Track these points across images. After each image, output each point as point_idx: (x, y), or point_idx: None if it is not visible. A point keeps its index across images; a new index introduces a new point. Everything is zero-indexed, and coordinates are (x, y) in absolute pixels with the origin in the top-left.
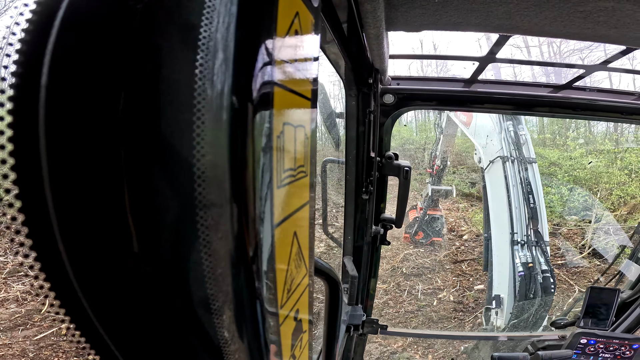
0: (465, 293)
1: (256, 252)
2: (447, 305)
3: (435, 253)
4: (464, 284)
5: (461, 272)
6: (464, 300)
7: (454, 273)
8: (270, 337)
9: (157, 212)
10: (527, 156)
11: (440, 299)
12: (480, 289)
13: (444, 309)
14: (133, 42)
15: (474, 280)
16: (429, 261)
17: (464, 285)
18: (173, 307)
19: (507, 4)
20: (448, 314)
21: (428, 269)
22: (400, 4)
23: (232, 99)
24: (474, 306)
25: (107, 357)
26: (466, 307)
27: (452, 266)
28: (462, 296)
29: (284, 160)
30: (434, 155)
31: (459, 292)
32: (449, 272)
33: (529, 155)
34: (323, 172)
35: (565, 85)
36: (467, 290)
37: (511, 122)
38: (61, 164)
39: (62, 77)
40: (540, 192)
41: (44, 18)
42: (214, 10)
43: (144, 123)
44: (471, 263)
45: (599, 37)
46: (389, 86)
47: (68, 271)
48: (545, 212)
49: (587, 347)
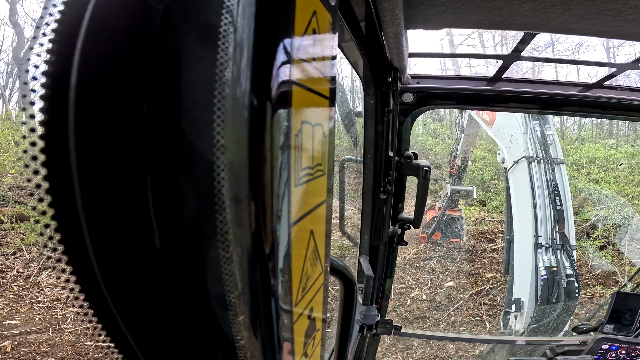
0: (437, 291)
1: (273, 249)
2: (421, 305)
3: (405, 251)
4: (434, 281)
5: (431, 270)
6: (437, 298)
7: (424, 271)
8: (283, 334)
9: (178, 208)
10: (555, 157)
11: (414, 297)
12: (450, 286)
13: (418, 308)
14: (155, 42)
15: (443, 277)
16: (399, 260)
17: (434, 283)
18: (190, 302)
19: (533, 1)
20: (422, 313)
21: (399, 267)
22: (419, 1)
23: (251, 98)
24: (447, 304)
25: (124, 349)
26: (439, 306)
27: (422, 264)
28: (434, 294)
29: (301, 159)
30: (454, 154)
31: (431, 290)
32: (419, 270)
33: (556, 156)
34: (341, 171)
35: (595, 84)
36: (438, 288)
37: (538, 121)
38: (89, 161)
39: (90, 77)
40: (568, 194)
41: (71, 20)
42: (233, 10)
43: (166, 122)
44: (440, 260)
45: (629, 35)
46: (408, 85)
47: (94, 265)
48: (573, 215)
49: (609, 352)
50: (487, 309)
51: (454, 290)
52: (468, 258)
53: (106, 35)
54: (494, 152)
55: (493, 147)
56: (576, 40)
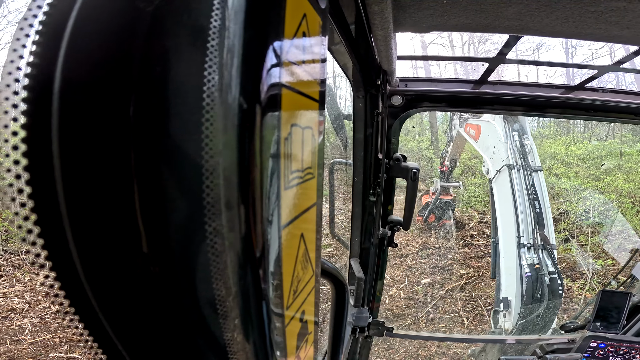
0: (414, 288)
1: (263, 253)
2: (399, 302)
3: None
4: (411, 278)
5: (407, 267)
6: (414, 296)
7: (400, 268)
8: (276, 337)
9: (166, 213)
10: (533, 164)
11: (392, 295)
12: (427, 282)
13: (397, 307)
14: (143, 45)
15: (420, 274)
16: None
17: (411, 280)
18: (180, 307)
19: (518, 5)
20: (401, 311)
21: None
22: (408, 5)
23: (240, 101)
24: (424, 301)
25: (114, 357)
26: (417, 303)
27: (398, 261)
28: (411, 291)
29: (291, 162)
30: (444, 156)
31: (408, 287)
32: (395, 268)
33: (534, 163)
34: (331, 174)
35: (577, 86)
36: (415, 285)
37: (517, 132)
38: (73, 165)
39: (75, 79)
40: (546, 198)
41: (56, 21)
42: (223, 12)
43: (153, 125)
44: (415, 257)
45: (611, 37)
46: (397, 87)
47: (79, 271)
48: (551, 216)
49: (597, 350)
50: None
51: (431, 287)
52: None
53: (92, 37)
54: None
55: (476, 152)
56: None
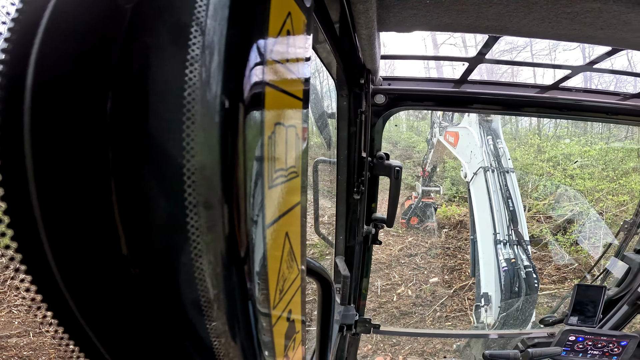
0: (422, 287)
1: (248, 253)
2: (407, 301)
3: (390, 248)
4: (419, 277)
5: (416, 266)
6: (422, 294)
7: (409, 267)
8: (263, 337)
9: (146, 214)
10: (506, 166)
11: (399, 294)
12: (434, 281)
13: (404, 304)
14: (122, 42)
15: (428, 273)
16: (384, 256)
17: (419, 279)
18: (164, 310)
19: (497, 5)
20: (409, 309)
21: (384, 264)
22: (392, 4)
23: (223, 99)
24: (432, 300)
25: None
26: (424, 301)
27: (406, 260)
28: (419, 290)
29: (275, 161)
30: (425, 162)
31: (416, 285)
32: (404, 267)
33: (507, 165)
34: (315, 172)
35: (552, 85)
36: (423, 284)
37: (491, 136)
38: (46, 165)
39: (48, 77)
40: (518, 197)
41: (30, 17)
42: (205, 10)
43: (132, 123)
44: (424, 256)
45: (585, 38)
46: (380, 86)
47: (55, 274)
48: (524, 214)
49: (576, 344)
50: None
51: (438, 286)
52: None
53: (67, 33)
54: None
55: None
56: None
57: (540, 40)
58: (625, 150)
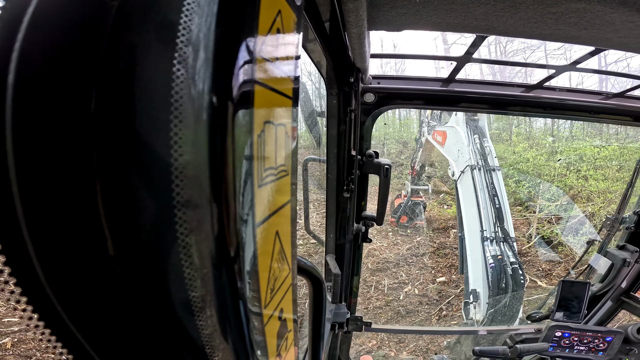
0: (429, 286)
1: (238, 252)
2: (413, 299)
3: (398, 247)
4: (427, 277)
5: (424, 265)
6: (428, 293)
7: (416, 266)
8: (255, 337)
9: (133, 214)
10: (492, 164)
11: (406, 292)
12: (442, 281)
13: (410, 303)
14: (107, 39)
15: (435, 272)
16: (392, 255)
17: (427, 279)
18: (153, 311)
19: (485, 5)
20: (415, 307)
21: (392, 263)
22: (382, 3)
23: (211, 98)
24: (438, 299)
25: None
26: (431, 300)
27: (414, 259)
28: (425, 289)
29: (264, 159)
30: (414, 161)
31: (423, 285)
32: (412, 266)
33: (493, 164)
34: (304, 171)
35: (536, 85)
36: (430, 283)
37: (477, 135)
38: (29, 165)
39: (30, 74)
40: (504, 195)
41: (12, 14)
42: (194, 7)
43: (117, 122)
44: (432, 256)
45: (570, 38)
46: (369, 85)
47: (40, 276)
48: (510, 212)
49: (562, 340)
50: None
51: (446, 285)
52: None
53: (51, 30)
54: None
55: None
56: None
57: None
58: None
